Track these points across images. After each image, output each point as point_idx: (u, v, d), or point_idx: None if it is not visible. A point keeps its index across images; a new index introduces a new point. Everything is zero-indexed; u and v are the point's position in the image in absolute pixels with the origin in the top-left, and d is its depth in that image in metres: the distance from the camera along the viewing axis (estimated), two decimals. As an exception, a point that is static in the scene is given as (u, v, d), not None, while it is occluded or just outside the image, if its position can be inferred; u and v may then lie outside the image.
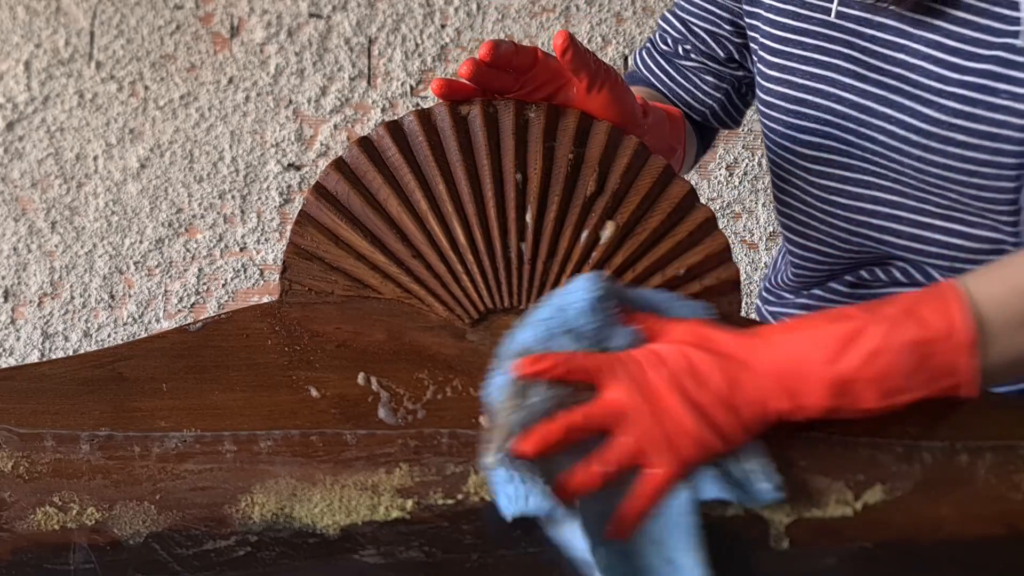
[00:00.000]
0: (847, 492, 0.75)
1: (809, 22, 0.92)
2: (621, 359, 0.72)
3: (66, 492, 0.75)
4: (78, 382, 0.77)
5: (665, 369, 0.71)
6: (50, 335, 1.81)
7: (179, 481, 0.75)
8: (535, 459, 0.70)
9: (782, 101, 0.95)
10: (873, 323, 0.70)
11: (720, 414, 0.71)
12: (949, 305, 0.71)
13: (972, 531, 0.75)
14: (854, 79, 0.90)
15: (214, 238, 1.81)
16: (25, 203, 1.81)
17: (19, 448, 0.76)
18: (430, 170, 0.80)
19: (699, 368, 0.71)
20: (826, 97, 0.91)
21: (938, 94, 0.85)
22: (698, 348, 0.72)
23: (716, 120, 1.10)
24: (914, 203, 0.91)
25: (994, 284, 0.72)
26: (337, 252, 0.79)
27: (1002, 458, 0.76)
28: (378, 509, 0.74)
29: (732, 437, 0.71)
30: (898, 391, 0.71)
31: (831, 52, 0.91)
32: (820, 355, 0.70)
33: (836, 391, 0.71)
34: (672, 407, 0.70)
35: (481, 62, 0.78)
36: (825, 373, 0.70)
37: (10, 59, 1.81)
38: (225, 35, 1.82)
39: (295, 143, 1.81)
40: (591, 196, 0.79)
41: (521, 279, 0.78)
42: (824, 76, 0.91)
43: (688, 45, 1.06)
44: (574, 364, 0.71)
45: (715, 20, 1.04)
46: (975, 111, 0.83)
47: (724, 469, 0.72)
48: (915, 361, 0.70)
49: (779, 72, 0.95)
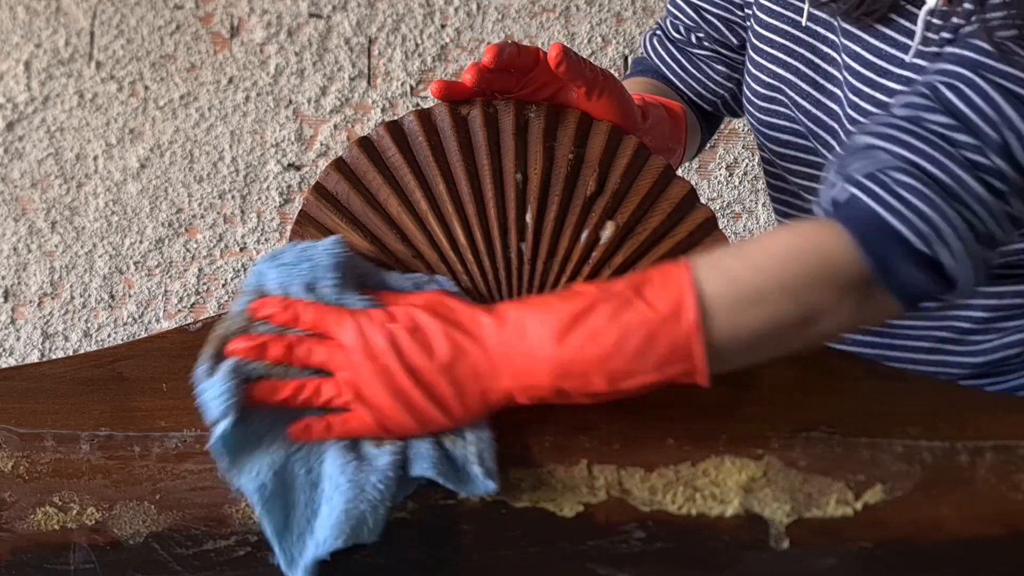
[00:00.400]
0: (847, 492, 0.75)
1: (783, 21, 0.93)
2: (352, 313, 0.72)
3: (66, 492, 0.75)
4: (78, 382, 0.77)
5: (391, 326, 0.70)
6: (50, 335, 1.81)
7: (179, 481, 0.75)
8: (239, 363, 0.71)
9: (755, 97, 0.97)
10: (601, 302, 0.69)
11: (440, 383, 0.69)
12: (677, 284, 0.69)
13: (972, 531, 0.75)
14: (810, 86, 0.92)
15: (214, 238, 1.81)
16: (25, 203, 1.81)
17: (19, 448, 0.76)
18: (430, 170, 0.80)
19: (425, 332, 0.70)
20: (787, 98, 0.94)
21: (865, 106, 0.86)
22: (430, 313, 0.71)
23: (726, 109, 1.10)
24: None
25: (727, 262, 0.71)
26: (337, 252, 0.79)
27: (1002, 458, 0.76)
28: (378, 509, 0.74)
29: (452, 410, 0.70)
30: (625, 374, 0.69)
31: (795, 54, 0.93)
32: (547, 333, 0.69)
33: (560, 372, 0.69)
34: (389, 365, 0.69)
35: (485, 68, 0.78)
36: (550, 352, 0.68)
37: (10, 59, 1.81)
38: (225, 35, 1.82)
39: (295, 143, 1.81)
40: (591, 196, 0.79)
41: (521, 279, 0.78)
42: (784, 77, 0.93)
43: (701, 33, 1.05)
44: (305, 312, 0.72)
45: (728, 6, 1.03)
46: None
47: (444, 449, 0.71)
48: (641, 342, 0.68)
49: (755, 69, 0.96)
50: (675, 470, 0.75)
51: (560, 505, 0.75)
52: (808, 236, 0.72)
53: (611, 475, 0.75)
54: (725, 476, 0.75)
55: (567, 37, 1.82)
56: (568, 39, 1.82)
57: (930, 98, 0.75)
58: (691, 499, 0.75)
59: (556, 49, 0.78)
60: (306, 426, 0.72)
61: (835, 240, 0.71)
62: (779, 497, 0.75)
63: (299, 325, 0.72)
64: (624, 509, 0.75)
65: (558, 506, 0.75)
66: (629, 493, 0.75)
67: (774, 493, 0.75)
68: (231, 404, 0.70)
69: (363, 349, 0.70)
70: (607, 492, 0.75)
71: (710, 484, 0.75)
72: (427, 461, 0.71)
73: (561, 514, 0.75)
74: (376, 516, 0.70)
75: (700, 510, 0.75)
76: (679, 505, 0.75)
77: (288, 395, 0.71)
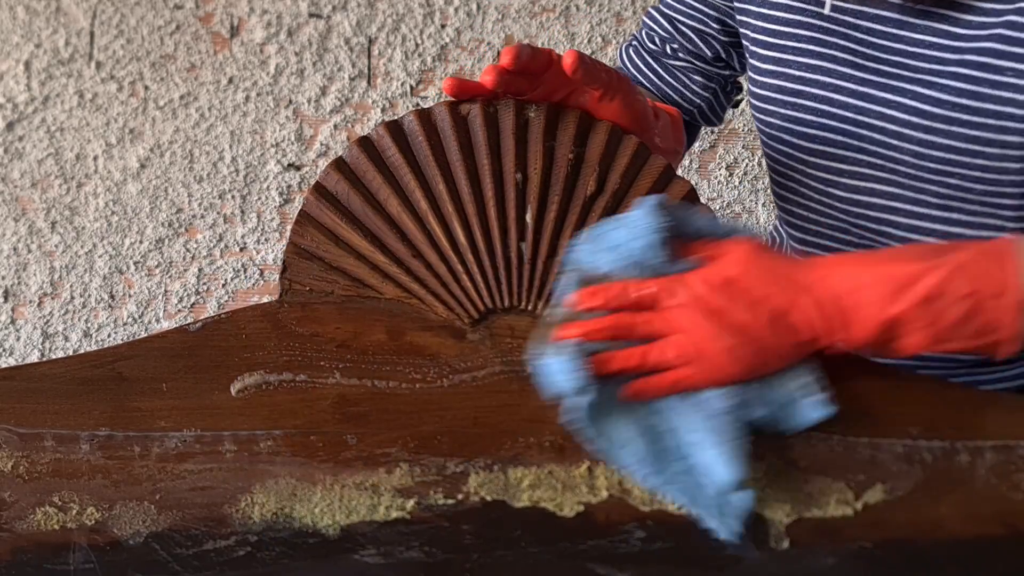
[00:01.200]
0: (847, 492, 0.75)
1: (803, 14, 0.93)
2: (682, 279, 0.75)
3: (66, 492, 0.75)
4: (78, 382, 0.77)
5: (720, 288, 0.73)
6: (50, 335, 1.81)
7: (179, 481, 0.75)
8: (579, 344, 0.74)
9: (778, 94, 0.95)
10: (932, 269, 0.72)
11: (769, 335, 0.73)
12: (1005, 262, 0.72)
13: (972, 531, 0.75)
14: (852, 68, 0.90)
15: (214, 238, 1.81)
16: (25, 203, 1.81)
17: (19, 448, 0.76)
18: (430, 170, 0.80)
19: (756, 288, 0.73)
20: (823, 87, 0.92)
21: (939, 75, 0.86)
22: (758, 267, 0.74)
23: (702, 118, 1.10)
24: (911, 194, 0.91)
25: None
26: (337, 252, 0.79)
27: (1002, 458, 0.76)
28: (378, 509, 0.74)
29: (780, 357, 0.74)
30: (943, 339, 0.73)
31: (827, 44, 0.91)
32: (878, 291, 0.72)
33: (886, 327, 0.72)
34: (722, 324, 0.73)
35: (504, 69, 0.78)
36: (880, 309, 0.72)
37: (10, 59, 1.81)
38: (225, 35, 1.82)
39: (295, 143, 1.81)
40: (591, 196, 0.79)
41: (521, 279, 0.78)
42: (821, 67, 0.92)
43: (676, 44, 1.06)
44: (635, 294, 0.75)
45: (702, 18, 1.03)
46: (979, 89, 0.84)
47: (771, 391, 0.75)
48: (964, 313, 0.72)
49: (774, 65, 0.95)
50: (675, 470, 0.75)
51: (560, 505, 0.75)
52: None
53: (611, 475, 0.75)
54: (725, 476, 0.75)
55: (567, 37, 1.82)
56: (568, 39, 1.82)
57: None
58: (691, 499, 0.75)
59: (571, 56, 0.78)
60: (638, 385, 0.74)
61: None
62: (779, 497, 0.75)
63: (629, 306, 0.75)
64: (624, 509, 0.75)
65: (558, 506, 0.75)
66: (629, 493, 0.75)
67: (774, 493, 0.75)
68: (583, 375, 0.73)
69: (692, 313, 0.73)
70: (607, 492, 0.75)
71: (710, 484, 0.75)
72: (759, 406, 0.74)
73: (561, 514, 0.75)
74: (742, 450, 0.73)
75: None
76: (679, 505, 0.75)
77: (620, 363, 0.74)
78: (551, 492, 0.75)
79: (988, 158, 0.85)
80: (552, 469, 0.75)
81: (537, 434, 0.76)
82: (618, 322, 0.75)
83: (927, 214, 0.91)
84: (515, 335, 0.77)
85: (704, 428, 0.73)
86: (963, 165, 0.86)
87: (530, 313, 0.78)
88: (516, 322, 0.78)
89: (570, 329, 0.75)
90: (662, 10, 1.07)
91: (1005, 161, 0.85)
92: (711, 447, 0.73)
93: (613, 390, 0.74)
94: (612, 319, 0.75)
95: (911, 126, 0.87)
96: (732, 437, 0.73)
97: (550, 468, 0.75)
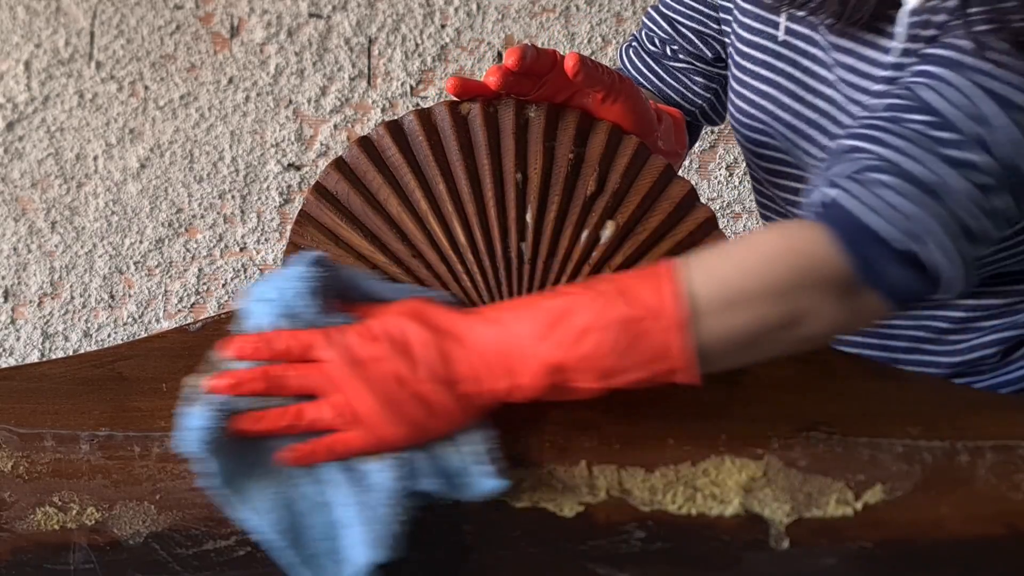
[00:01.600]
0: (847, 492, 0.75)
1: (761, 36, 0.93)
2: (335, 331, 0.71)
3: (66, 492, 0.75)
4: (78, 382, 0.77)
5: (378, 341, 0.70)
6: (50, 335, 1.81)
7: (179, 481, 0.75)
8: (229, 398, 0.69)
9: (736, 112, 0.97)
10: (586, 300, 0.69)
11: (431, 390, 0.69)
12: (661, 283, 0.69)
13: (972, 531, 0.75)
14: (791, 99, 0.91)
15: (214, 238, 1.81)
16: (25, 203, 1.81)
17: (19, 448, 0.76)
18: (430, 170, 0.79)
19: (412, 342, 0.70)
20: (768, 113, 0.93)
21: (862, 105, 0.86)
22: (414, 322, 0.70)
23: (704, 118, 1.11)
24: None
25: (713, 262, 0.71)
26: (337, 252, 0.79)
27: (1002, 458, 0.76)
28: (378, 509, 0.74)
29: (446, 416, 0.70)
30: (613, 372, 0.69)
31: (776, 69, 0.92)
32: (533, 331, 0.69)
33: (549, 369, 0.69)
34: (376, 377, 0.69)
35: (509, 71, 0.78)
36: (537, 350, 0.69)
37: (10, 59, 1.81)
38: (225, 35, 1.82)
39: (295, 143, 1.81)
40: (591, 196, 0.79)
41: (521, 279, 0.78)
42: (766, 92, 0.93)
43: (676, 46, 1.06)
44: (278, 341, 0.70)
45: (702, 19, 1.04)
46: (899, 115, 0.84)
47: (441, 460, 0.71)
48: (626, 341, 0.68)
49: (735, 83, 0.97)
50: (675, 470, 0.75)
51: (560, 505, 0.75)
52: (793, 237, 0.72)
53: (611, 475, 0.75)
54: (725, 476, 0.75)
55: (567, 37, 1.82)
56: (568, 39, 1.82)
57: (909, 97, 0.75)
58: (691, 499, 0.75)
59: (573, 59, 0.78)
60: (292, 450, 0.71)
61: (819, 241, 0.71)
62: (779, 497, 0.75)
63: (277, 356, 0.71)
64: (624, 509, 0.75)
65: (558, 506, 0.75)
66: (629, 493, 0.75)
67: (774, 493, 0.75)
68: (211, 439, 0.68)
69: (347, 366, 0.69)
70: (607, 492, 0.75)
71: (710, 484, 0.75)
72: (428, 476, 0.71)
73: (561, 514, 0.75)
74: (394, 532, 0.70)
75: (700, 510, 0.75)
76: (679, 505, 0.75)
77: (270, 422, 0.70)
78: (551, 492, 0.75)
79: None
80: (552, 469, 0.75)
81: (537, 434, 0.76)
82: (268, 372, 0.70)
83: None
84: (515, 335, 0.77)
85: (357, 503, 0.69)
86: None
87: (530, 313, 0.78)
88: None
89: (218, 380, 0.70)
90: (661, 11, 1.07)
91: None
92: (359, 524, 0.69)
93: (264, 452, 0.70)
94: (262, 369, 0.70)
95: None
96: (384, 517, 0.69)
97: (550, 468, 0.75)
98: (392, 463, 0.70)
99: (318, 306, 0.71)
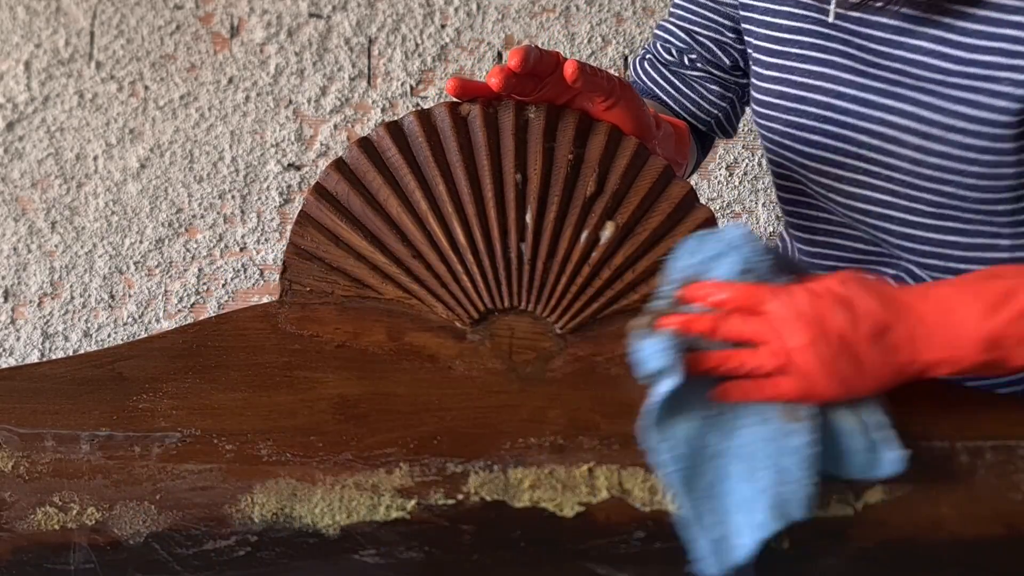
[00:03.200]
0: (847, 492, 0.75)
1: (806, 21, 0.93)
2: (787, 287, 0.74)
3: (66, 492, 0.75)
4: (78, 382, 0.77)
5: (823, 299, 0.73)
6: (50, 335, 1.81)
7: (179, 481, 0.75)
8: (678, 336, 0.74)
9: (780, 100, 0.95)
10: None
11: (868, 350, 0.72)
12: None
13: (972, 531, 0.75)
14: (853, 75, 0.91)
15: (214, 238, 1.81)
16: (25, 203, 1.81)
17: (19, 448, 0.76)
18: (430, 170, 0.80)
19: (856, 302, 0.73)
20: (825, 94, 0.92)
21: (939, 83, 0.86)
22: (859, 286, 0.74)
23: (719, 129, 1.11)
24: (905, 202, 0.91)
25: None
26: (337, 252, 0.79)
27: (1002, 458, 0.76)
28: (378, 509, 0.74)
29: (875, 378, 0.73)
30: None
31: (829, 50, 0.92)
32: (977, 309, 0.72)
33: (989, 344, 0.72)
34: (819, 332, 0.72)
35: (511, 72, 0.78)
36: (981, 326, 0.72)
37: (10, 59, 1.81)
38: (225, 35, 1.82)
39: (295, 143, 1.81)
40: (591, 196, 0.79)
41: (521, 279, 0.78)
42: (823, 74, 0.92)
43: (694, 55, 1.06)
44: (739, 292, 0.74)
45: (718, 28, 1.04)
46: (978, 98, 0.84)
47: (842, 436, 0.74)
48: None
49: (777, 72, 0.95)
50: (675, 470, 0.75)
51: (560, 505, 0.75)
52: None
53: (611, 475, 0.75)
54: (725, 476, 0.75)
55: (567, 37, 1.82)
56: (568, 39, 1.82)
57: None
58: (691, 499, 0.75)
59: (572, 66, 0.78)
60: (726, 388, 0.74)
61: None
62: (779, 497, 0.75)
63: (728, 304, 0.75)
64: (624, 509, 0.75)
65: (558, 506, 0.75)
66: (629, 493, 0.75)
67: (774, 493, 0.75)
68: (676, 359, 0.72)
69: (792, 317, 0.73)
70: (607, 492, 0.75)
71: (710, 484, 0.75)
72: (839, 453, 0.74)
73: (561, 514, 0.75)
74: (800, 497, 0.72)
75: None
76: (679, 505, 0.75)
77: (715, 362, 0.74)
78: (551, 492, 0.75)
79: (983, 165, 0.86)
80: (552, 469, 0.75)
81: (537, 434, 0.76)
82: (719, 318, 0.74)
83: (920, 222, 0.92)
84: (515, 335, 0.78)
85: (763, 457, 0.73)
86: (958, 172, 0.87)
87: (530, 313, 0.78)
88: (516, 322, 0.78)
89: (671, 318, 0.75)
90: (677, 23, 1.07)
91: (1000, 167, 0.85)
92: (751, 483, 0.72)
93: (698, 389, 0.74)
94: (714, 316, 0.75)
95: (909, 131, 0.88)
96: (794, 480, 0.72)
97: (550, 468, 0.75)
98: (808, 425, 0.73)
99: (771, 265, 0.75)
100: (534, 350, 0.77)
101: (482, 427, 0.75)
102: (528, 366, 0.76)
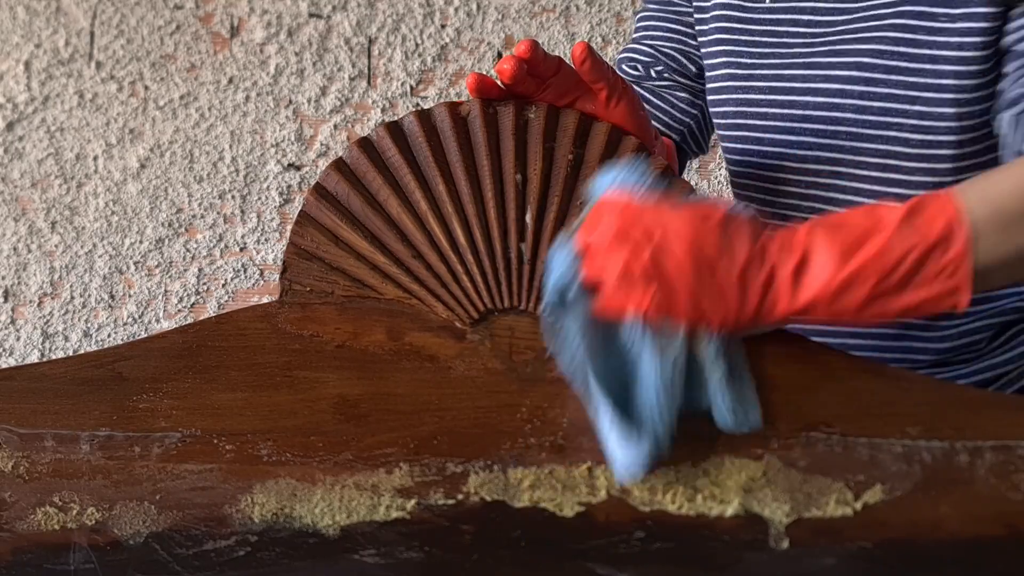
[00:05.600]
0: (847, 492, 0.75)
1: (744, 11, 1.00)
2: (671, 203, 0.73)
3: (66, 492, 0.75)
4: (78, 382, 0.77)
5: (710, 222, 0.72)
6: (50, 335, 1.81)
7: (179, 481, 0.75)
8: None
9: (729, 82, 1.00)
10: (885, 223, 0.72)
11: (733, 281, 0.71)
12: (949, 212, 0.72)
13: (972, 531, 0.75)
14: (801, 47, 0.95)
15: (214, 238, 1.81)
16: (25, 203, 1.81)
17: (19, 448, 0.76)
18: (430, 171, 0.80)
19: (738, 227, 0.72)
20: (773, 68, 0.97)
21: (878, 28, 0.91)
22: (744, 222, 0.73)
23: (692, 140, 1.12)
24: (851, 156, 0.94)
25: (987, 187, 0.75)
26: (337, 252, 0.79)
27: (1002, 458, 0.76)
28: (378, 509, 0.74)
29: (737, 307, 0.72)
30: (896, 291, 0.72)
31: (775, 33, 0.97)
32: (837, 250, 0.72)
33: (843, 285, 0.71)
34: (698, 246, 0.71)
35: (521, 59, 0.78)
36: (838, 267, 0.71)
37: (10, 59, 1.81)
38: (225, 35, 1.82)
39: (295, 143, 1.81)
40: (591, 196, 0.79)
41: (521, 279, 0.78)
42: (771, 52, 0.97)
43: (660, 66, 1.09)
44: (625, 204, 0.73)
45: (680, 38, 1.08)
46: (916, 36, 0.88)
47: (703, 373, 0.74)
48: (913, 263, 0.71)
49: (725, 57, 1.01)
50: (675, 470, 0.75)
51: (560, 505, 0.75)
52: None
53: (611, 475, 0.75)
54: (725, 476, 0.75)
55: (567, 37, 1.82)
56: (568, 39, 1.82)
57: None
58: (691, 499, 0.75)
59: (581, 47, 0.79)
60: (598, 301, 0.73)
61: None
62: (779, 497, 0.75)
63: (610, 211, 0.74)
64: (624, 509, 0.75)
65: (558, 506, 0.75)
66: (629, 493, 0.75)
67: (774, 493, 0.75)
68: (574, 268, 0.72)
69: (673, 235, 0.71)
70: (607, 492, 0.75)
71: (710, 484, 0.75)
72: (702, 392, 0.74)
73: (561, 514, 0.75)
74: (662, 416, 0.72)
75: (700, 510, 0.75)
76: (679, 505, 0.75)
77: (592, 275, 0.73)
78: (551, 492, 0.75)
79: (925, 103, 0.89)
80: (552, 469, 0.75)
81: (537, 434, 0.76)
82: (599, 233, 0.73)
83: (867, 175, 0.94)
84: (515, 335, 0.78)
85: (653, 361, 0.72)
86: (902, 114, 0.90)
87: (530, 314, 0.78)
88: (516, 322, 0.78)
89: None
90: (641, 41, 1.11)
91: (941, 106, 0.89)
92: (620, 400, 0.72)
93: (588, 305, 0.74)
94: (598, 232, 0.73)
95: (853, 81, 0.91)
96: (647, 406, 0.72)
97: (550, 468, 0.75)
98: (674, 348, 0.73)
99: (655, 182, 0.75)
100: (534, 350, 0.77)
101: (482, 427, 0.75)
102: (528, 366, 0.76)
